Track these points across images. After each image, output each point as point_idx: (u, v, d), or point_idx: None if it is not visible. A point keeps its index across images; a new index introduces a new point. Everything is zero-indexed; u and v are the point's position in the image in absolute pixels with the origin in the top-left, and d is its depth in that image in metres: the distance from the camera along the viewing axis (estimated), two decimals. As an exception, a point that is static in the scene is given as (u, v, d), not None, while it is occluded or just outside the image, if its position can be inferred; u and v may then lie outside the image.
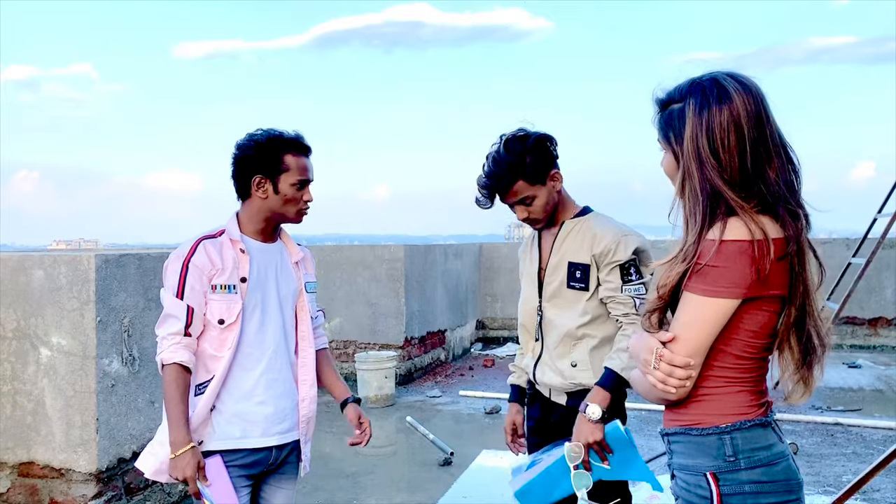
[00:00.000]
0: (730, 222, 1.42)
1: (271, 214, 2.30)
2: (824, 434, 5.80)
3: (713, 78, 1.49)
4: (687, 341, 1.45)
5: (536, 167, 2.35)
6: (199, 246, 2.24)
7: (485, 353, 10.03)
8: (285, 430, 2.36)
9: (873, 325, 9.78)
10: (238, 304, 2.23)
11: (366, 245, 8.86)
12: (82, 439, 3.72)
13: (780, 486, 1.46)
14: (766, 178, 1.45)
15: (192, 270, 2.21)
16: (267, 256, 2.34)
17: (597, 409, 2.23)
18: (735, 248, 1.41)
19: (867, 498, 4.30)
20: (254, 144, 2.26)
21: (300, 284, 2.43)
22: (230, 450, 2.26)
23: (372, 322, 8.00)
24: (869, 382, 7.79)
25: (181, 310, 2.20)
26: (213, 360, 2.24)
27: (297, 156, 2.28)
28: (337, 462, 5.30)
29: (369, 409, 6.86)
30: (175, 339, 2.19)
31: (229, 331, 2.23)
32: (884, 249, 5.02)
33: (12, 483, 3.84)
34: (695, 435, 1.50)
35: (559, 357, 2.44)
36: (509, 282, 10.83)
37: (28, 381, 3.80)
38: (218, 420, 2.25)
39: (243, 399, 2.28)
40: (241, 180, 2.30)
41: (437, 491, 4.62)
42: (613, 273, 2.37)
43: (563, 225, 2.48)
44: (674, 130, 1.51)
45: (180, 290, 2.20)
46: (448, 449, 5.27)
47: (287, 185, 2.26)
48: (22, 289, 3.82)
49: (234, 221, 2.33)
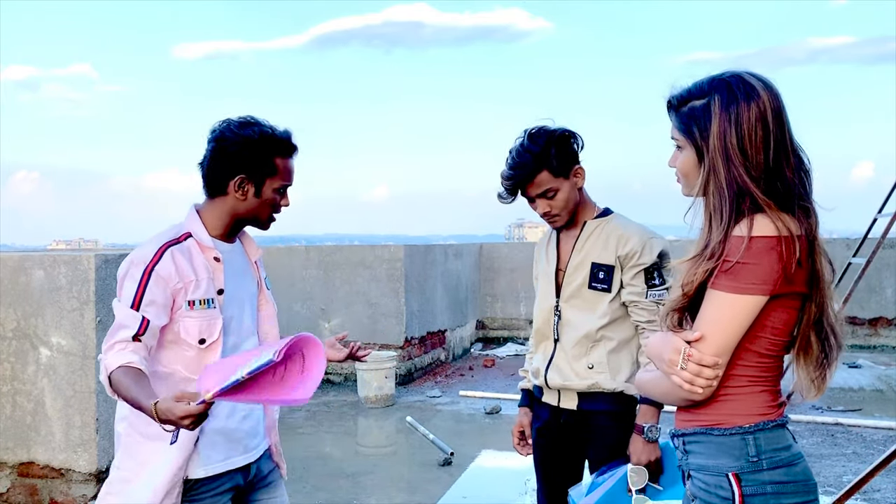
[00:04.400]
0: (757, 219, 1.42)
1: (244, 216, 2.06)
2: (824, 434, 5.79)
3: (737, 75, 1.49)
4: (715, 340, 1.44)
5: (561, 159, 2.33)
6: (164, 253, 1.94)
7: (485, 354, 10.02)
8: (259, 443, 2.17)
9: (873, 325, 9.77)
10: (218, 321, 1.98)
11: (366, 245, 8.86)
12: (82, 439, 3.72)
13: (800, 486, 1.46)
14: (784, 175, 1.45)
15: (155, 280, 1.90)
16: (234, 260, 2.10)
17: (655, 428, 2.21)
18: (763, 244, 1.40)
19: (867, 498, 4.30)
20: (242, 141, 1.99)
21: (261, 282, 2.21)
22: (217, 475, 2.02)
23: (372, 322, 7.99)
24: (869, 382, 7.78)
25: (134, 320, 1.87)
26: (189, 383, 1.92)
27: (285, 158, 2.06)
28: (337, 462, 5.29)
29: (369, 409, 6.86)
30: (121, 345, 1.84)
31: (210, 351, 1.97)
32: (884, 249, 5.02)
33: (12, 483, 3.83)
34: (716, 435, 1.49)
35: (575, 358, 2.40)
36: (509, 282, 10.82)
37: (28, 381, 3.80)
38: (203, 444, 1.99)
39: (228, 417, 2.05)
40: (217, 176, 2.02)
41: (436, 491, 4.61)
42: (638, 277, 2.34)
43: (586, 225, 2.44)
44: (698, 126, 1.49)
45: (137, 301, 1.88)
46: (448, 449, 5.27)
47: (270, 190, 2.03)
48: (22, 289, 3.81)
49: (198, 222, 2.04)
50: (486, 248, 11.10)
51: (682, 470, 1.59)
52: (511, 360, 9.61)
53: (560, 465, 2.52)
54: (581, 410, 2.40)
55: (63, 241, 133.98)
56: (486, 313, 10.95)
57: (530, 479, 4.71)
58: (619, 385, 2.35)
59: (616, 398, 2.37)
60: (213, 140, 2.03)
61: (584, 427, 2.42)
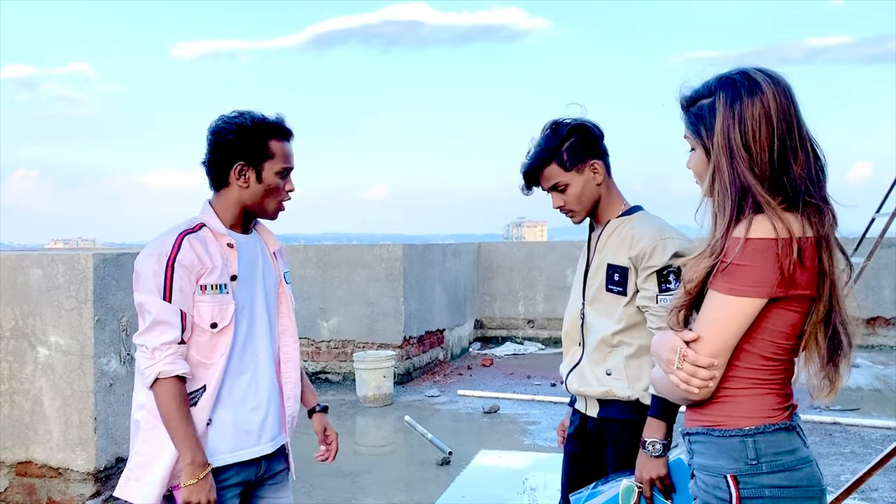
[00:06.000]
0: (755, 220, 1.41)
1: (250, 206, 2.11)
2: (822, 433, 5.80)
3: (743, 71, 1.49)
4: (711, 341, 1.43)
5: (572, 153, 2.25)
6: (182, 242, 1.99)
7: (483, 353, 10.03)
8: (274, 437, 2.18)
9: (871, 325, 9.78)
10: (231, 306, 2.03)
11: (364, 244, 8.86)
12: (80, 439, 3.71)
13: (802, 492, 1.45)
14: (790, 172, 1.44)
15: (179, 270, 1.96)
16: (250, 249, 2.15)
17: (657, 443, 2.06)
18: (760, 246, 1.39)
19: (865, 497, 4.31)
20: (236, 129, 2.04)
21: (280, 276, 2.25)
22: (225, 466, 2.05)
23: (370, 321, 7.99)
24: (867, 382, 7.79)
25: (174, 315, 1.95)
26: (202, 368, 2.01)
27: (281, 141, 2.10)
28: (335, 461, 5.29)
29: (367, 408, 6.86)
30: (170, 348, 1.94)
31: (222, 335, 2.02)
32: (882, 249, 5.01)
33: (10, 482, 3.83)
34: (717, 436, 1.48)
35: (595, 364, 2.30)
36: (508, 281, 10.83)
37: (26, 381, 3.80)
38: (214, 434, 2.03)
39: (237, 407, 2.08)
40: (218, 167, 2.08)
41: (435, 490, 4.61)
42: (650, 280, 2.20)
43: (608, 224, 2.33)
44: (704, 124, 1.49)
45: (167, 292, 1.95)
46: (446, 448, 5.27)
47: (271, 174, 2.07)
48: (20, 288, 3.81)
49: (211, 213, 2.09)
50: (485, 248, 11.10)
51: (690, 468, 1.59)
52: (509, 359, 9.62)
53: (583, 473, 2.39)
54: (600, 418, 2.31)
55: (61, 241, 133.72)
56: (484, 313, 10.95)
57: (528, 478, 4.72)
58: (635, 393, 2.23)
59: (632, 406, 2.24)
60: (210, 134, 2.09)
61: (602, 435, 2.32)
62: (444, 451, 5.25)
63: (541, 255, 10.94)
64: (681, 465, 2.08)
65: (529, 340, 10.66)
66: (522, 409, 6.78)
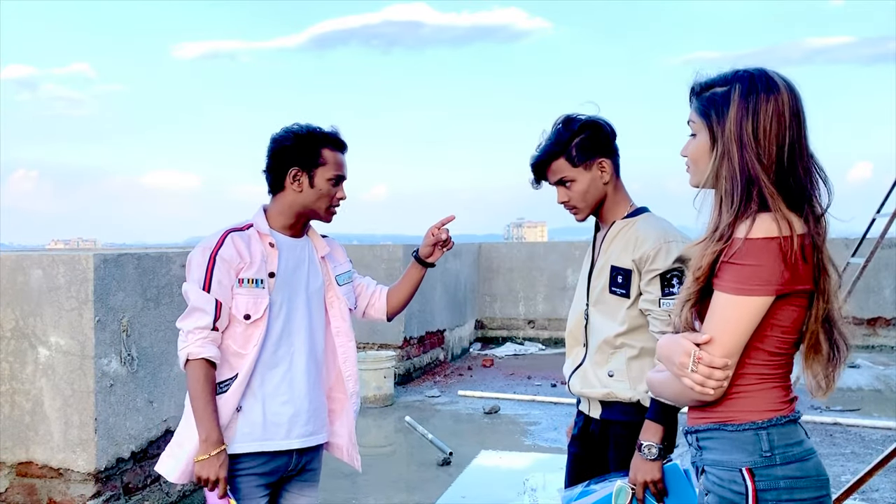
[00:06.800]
0: (759, 218, 1.43)
1: (303, 210, 2.26)
2: (823, 434, 5.80)
3: (762, 70, 1.51)
4: (723, 342, 1.45)
5: (581, 149, 2.25)
6: (227, 238, 2.17)
7: (484, 353, 10.03)
8: (308, 434, 2.29)
9: (872, 325, 9.78)
10: (265, 300, 2.16)
11: (364, 245, 8.86)
12: (81, 439, 3.71)
13: (812, 481, 1.49)
14: (797, 174, 1.47)
15: (220, 263, 2.13)
16: (296, 252, 2.29)
17: (653, 447, 2.07)
18: (765, 245, 1.41)
19: (866, 498, 4.30)
20: (292, 136, 2.22)
21: (328, 279, 2.38)
22: (252, 453, 2.18)
23: (370, 322, 7.98)
24: (868, 382, 7.79)
25: (209, 303, 2.11)
26: (237, 357, 2.16)
27: (334, 151, 2.26)
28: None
29: (367, 408, 6.86)
30: (202, 333, 2.10)
31: (255, 327, 2.16)
32: (882, 249, 5.02)
33: (10, 483, 3.83)
34: (730, 430, 1.50)
35: (597, 365, 2.29)
36: (508, 281, 10.83)
37: (26, 381, 3.80)
38: (242, 422, 2.17)
39: (268, 399, 2.20)
40: (276, 172, 2.25)
41: (435, 491, 4.62)
42: (653, 284, 2.18)
43: (613, 225, 2.32)
44: (716, 110, 1.51)
45: (207, 282, 2.12)
46: (447, 449, 5.27)
47: (323, 180, 2.23)
48: (20, 288, 3.81)
49: (261, 215, 2.27)
50: (485, 248, 11.10)
51: (696, 466, 1.60)
52: (510, 359, 9.62)
53: (586, 474, 2.38)
54: (603, 419, 2.31)
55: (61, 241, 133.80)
56: (484, 313, 10.95)
57: (529, 478, 4.72)
58: (637, 395, 2.22)
59: (634, 408, 2.24)
60: (270, 142, 2.27)
61: (604, 436, 2.32)
62: (444, 452, 5.25)
63: (541, 256, 10.94)
64: (675, 471, 2.09)
65: (530, 341, 10.66)
66: (523, 410, 6.78)
